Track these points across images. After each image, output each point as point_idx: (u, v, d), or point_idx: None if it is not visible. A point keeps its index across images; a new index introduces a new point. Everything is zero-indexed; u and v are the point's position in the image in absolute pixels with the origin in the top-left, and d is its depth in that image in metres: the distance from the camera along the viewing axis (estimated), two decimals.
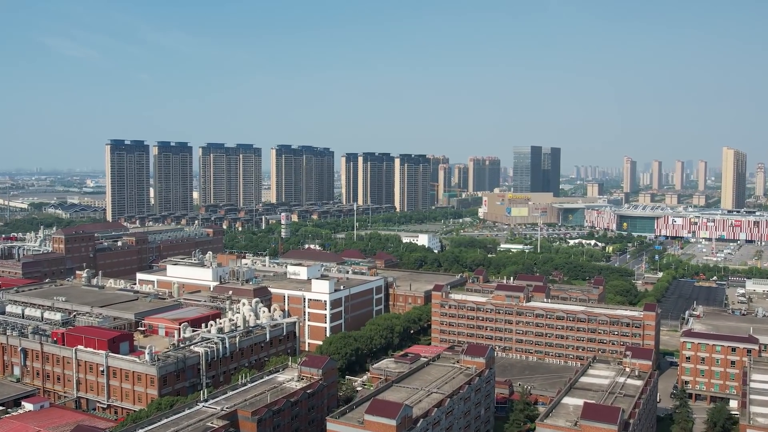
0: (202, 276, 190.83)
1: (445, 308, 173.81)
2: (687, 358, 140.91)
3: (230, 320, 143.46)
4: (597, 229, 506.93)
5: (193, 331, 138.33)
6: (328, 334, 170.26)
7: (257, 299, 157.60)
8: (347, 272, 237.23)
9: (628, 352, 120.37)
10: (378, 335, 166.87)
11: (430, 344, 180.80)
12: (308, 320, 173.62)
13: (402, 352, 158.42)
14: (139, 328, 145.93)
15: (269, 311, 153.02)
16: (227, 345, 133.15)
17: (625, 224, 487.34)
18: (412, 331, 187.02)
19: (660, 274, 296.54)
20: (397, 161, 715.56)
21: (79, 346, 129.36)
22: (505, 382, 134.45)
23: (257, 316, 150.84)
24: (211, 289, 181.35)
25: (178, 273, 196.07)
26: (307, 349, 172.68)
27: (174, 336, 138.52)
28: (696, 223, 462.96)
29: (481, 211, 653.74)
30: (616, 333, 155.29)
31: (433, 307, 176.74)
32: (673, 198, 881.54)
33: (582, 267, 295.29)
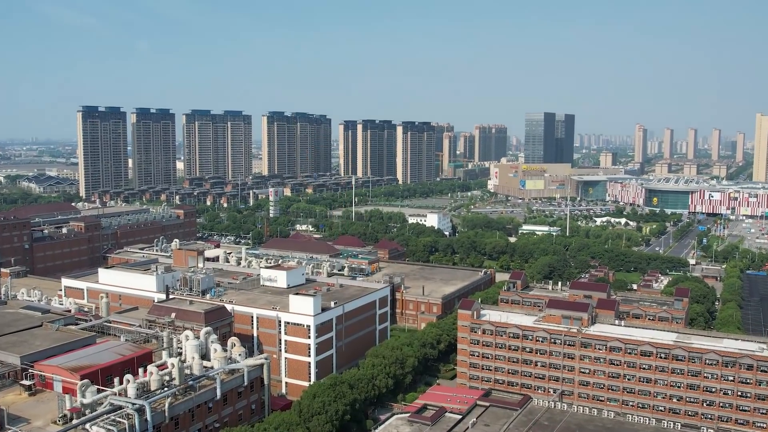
0: (142, 285, 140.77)
1: (477, 333, 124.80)
2: None
3: (160, 367, 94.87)
4: (622, 204, 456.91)
5: (100, 389, 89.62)
6: (313, 372, 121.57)
7: (209, 328, 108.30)
8: (342, 268, 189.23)
9: None
10: (383, 374, 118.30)
11: (454, 378, 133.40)
12: (286, 351, 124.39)
13: (419, 403, 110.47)
14: (25, 382, 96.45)
15: (224, 348, 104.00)
16: (149, 417, 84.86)
17: (655, 199, 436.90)
18: (428, 358, 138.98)
19: (717, 265, 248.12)
20: (399, 129, 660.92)
21: None
22: None
23: (206, 357, 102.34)
24: (155, 302, 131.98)
25: (113, 280, 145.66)
26: (284, 391, 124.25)
27: (76, 393, 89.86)
28: (736, 199, 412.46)
29: (491, 184, 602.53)
30: (730, 378, 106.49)
31: (459, 331, 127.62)
32: (692, 168, 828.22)
33: (625, 256, 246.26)
